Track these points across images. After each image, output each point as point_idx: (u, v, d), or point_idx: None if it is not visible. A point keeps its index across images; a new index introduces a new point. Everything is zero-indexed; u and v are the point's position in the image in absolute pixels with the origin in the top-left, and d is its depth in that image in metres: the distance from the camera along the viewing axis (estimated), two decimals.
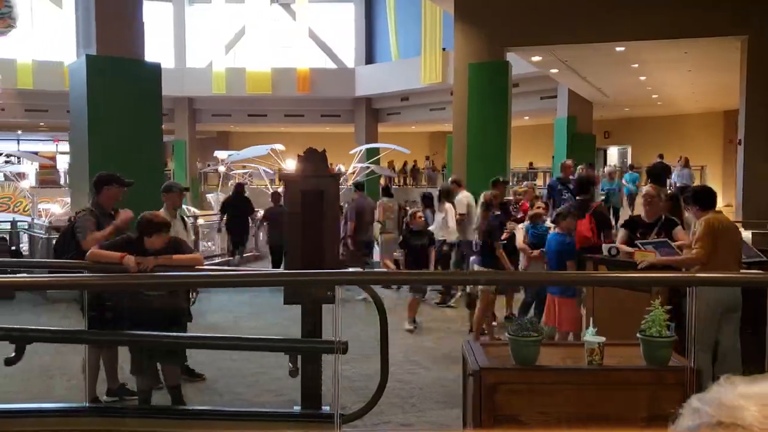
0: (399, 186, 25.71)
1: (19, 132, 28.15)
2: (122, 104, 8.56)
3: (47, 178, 26.72)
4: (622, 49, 12.65)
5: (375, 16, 25.52)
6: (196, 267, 4.87)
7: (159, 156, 9.22)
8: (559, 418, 2.50)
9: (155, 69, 9.01)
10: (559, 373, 2.77)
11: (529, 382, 2.67)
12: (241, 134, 28.92)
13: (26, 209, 23.33)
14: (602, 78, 16.09)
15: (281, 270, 7.12)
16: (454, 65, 13.10)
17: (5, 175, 21.54)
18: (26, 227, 12.74)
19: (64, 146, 29.93)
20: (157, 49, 24.69)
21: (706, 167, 20.39)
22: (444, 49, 21.75)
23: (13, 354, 3.66)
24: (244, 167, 17.80)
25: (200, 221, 13.50)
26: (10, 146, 29.71)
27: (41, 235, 10.15)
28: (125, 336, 4.41)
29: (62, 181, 29.23)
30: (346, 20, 25.95)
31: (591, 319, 2.83)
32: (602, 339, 2.75)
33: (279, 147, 14.65)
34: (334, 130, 26.94)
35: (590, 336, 2.77)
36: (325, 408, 4.08)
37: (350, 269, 6.88)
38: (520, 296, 7.03)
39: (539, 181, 23.31)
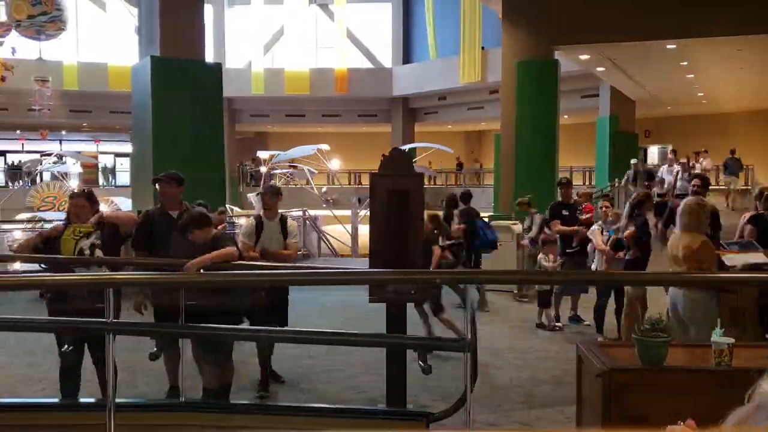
0: (437, 185, 25.61)
1: (63, 132, 28.72)
2: (185, 104, 8.70)
3: (89, 177, 27.27)
4: (673, 46, 12.47)
5: (412, 16, 25.52)
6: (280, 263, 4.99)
7: (220, 154, 9.33)
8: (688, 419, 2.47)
9: (216, 69, 9.14)
10: (689, 374, 2.75)
11: (659, 383, 2.65)
12: (278, 134, 29.14)
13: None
14: (649, 76, 15.88)
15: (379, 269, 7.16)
16: (502, 64, 13.05)
17: (53, 175, 21.99)
18: None
19: (104, 146, 30.52)
20: None
21: (753, 166, 19.98)
22: (483, 48, 21.68)
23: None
24: (293, 166, 17.92)
25: (242, 220, 13.66)
26: (53, 146, 30.35)
27: None
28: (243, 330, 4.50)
29: (100, 181, 29.84)
30: (383, 20, 25.99)
31: (718, 320, 2.79)
32: (731, 340, 2.72)
33: (324, 147, 14.75)
34: (370, 130, 27.01)
35: (718, 337, 2.74)
36: (409, 406, 4.10)
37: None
38: (587, 297, 6.99)
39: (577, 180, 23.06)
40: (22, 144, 30.10)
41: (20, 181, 26.45)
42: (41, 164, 24.62)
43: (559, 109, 12.91)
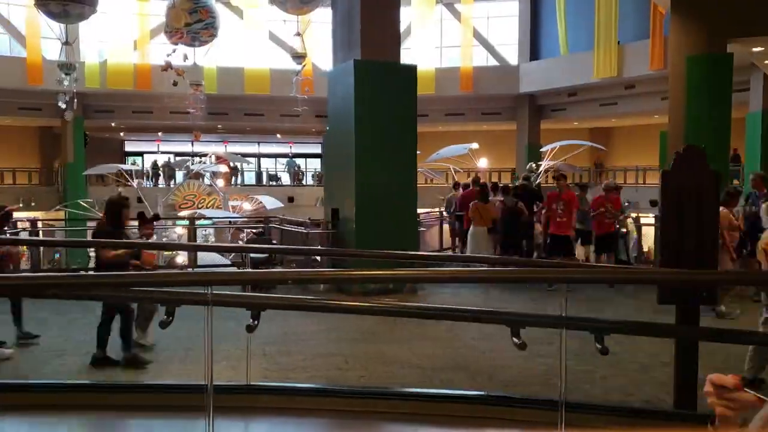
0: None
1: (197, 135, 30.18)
2: (385, 105, 8.98)
3: (226, 176, 28.62)
4: None
5: (540, 12, 25.17)
6: None
7: (413, 153, 9.56)
8: None
9: (412, 70, 9.38)
10: None
11: None
12: None
13: (209, 206, 25.07)
14: None
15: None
16: (670, 58, 12.66)
17: (201, 174, 23.23)
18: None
19: (231, 147, 31.88)
20: (325, 51, 25.80)
21: None
22: (619, 43, 21.11)
23: None
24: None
25: None
26: (186, 147, 32.08)
27: (295, 229, 10.64)
28: None
29: (232, 181, 31.23)
30: (509, 17, 25.78)
31: None
32: None
33: (474, 146, 14.81)
34: (494, 128, 26.86)
35: None
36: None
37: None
38: None
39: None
40: (158, 145, 32.00)
41: (173, 180, 27.98)
42: (191, 164, 26.02)
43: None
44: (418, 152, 17.76)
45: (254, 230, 12.19)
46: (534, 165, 16.20)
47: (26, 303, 7.05)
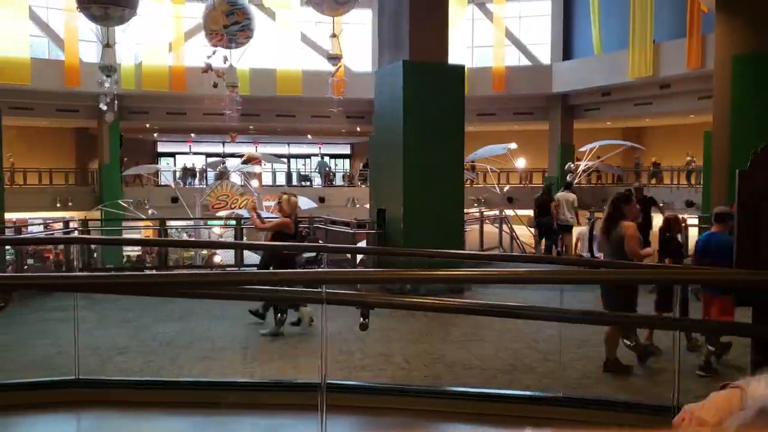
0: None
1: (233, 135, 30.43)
2: (433, 105, 9.00)
3: (259, 176, 28.88)
4: None
5: (573, 11, 24.98)
6: None
7: (461, 153, 9.56)
8: None
9: (460, 70, 9.38)
10: None
11: None
12: None
13: (242, 206, 25.26)
14: None
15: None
16: (715, 57, 12.50)
17: (239, 175, 23.48)
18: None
19: (262, 148, 32.11)
20: (358, 53, 25.92)
21: None
22: (654, 42, 20.88)
23: None
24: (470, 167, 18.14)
25: None
26: (217, 148, 32.41)
27: (341, 229, 10.70)
28: None
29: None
30: (541, 17, 25.64)
31: None
32: None
33: (512, 146, 14.76)
34: (525, 128, 26.71)
35: None
36: None
37: None
38: None
39: None
40: (189, 146, 32.35)
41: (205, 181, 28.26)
42: (223, 165, 26.27)
43: None
44: None
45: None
46: (572, 165, 16.07)
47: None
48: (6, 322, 7.89)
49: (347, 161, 35.18)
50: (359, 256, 10.12)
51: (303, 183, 29.76)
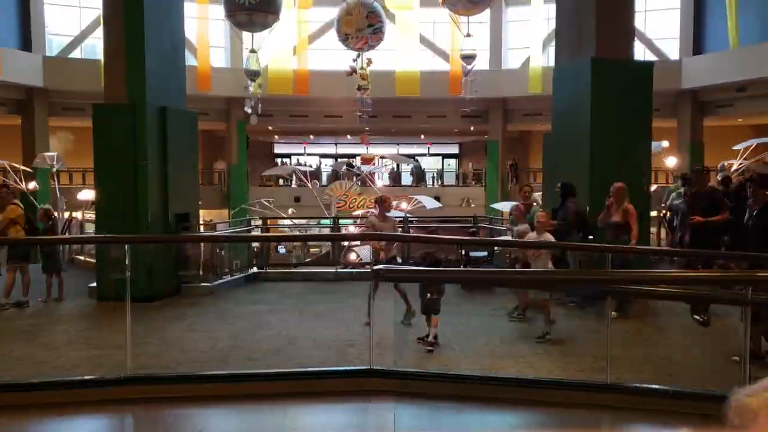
0: None
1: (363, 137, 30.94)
2: (619, 104, 8.85)
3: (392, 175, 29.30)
4: None
5: (705, 4, 23.94)
6: None
7: (648, 153, 9.36)
8: None
9: (648, 67, 9.18)
10: None
11: None
12: (542, 134, 29.02)
13: (359, 206, 25.72)
14: None
15: None
16: None
17: (358, 177, 23.93)
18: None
19: (372, 149, 32.55)
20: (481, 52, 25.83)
21: None
22: None
23: None
24: None
25: None
26: (330, 149, 33.19)
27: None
28: None
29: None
30: (669, 10, 24.73)
31: None
32: None
33: (665, 144, 14.30)
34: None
35: None
36: None
37: None
38: None
39: None
40: (304, 147, 33.25)
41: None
42: (352, 165, 26.83)
43: None
44: None
45: (467, 229, 12.37)
46: (726, 164, 15.38)
47: None
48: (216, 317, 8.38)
49: (454, 161, 35.15)
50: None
51: (421, 183, 29.89)
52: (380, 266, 3.77)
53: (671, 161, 19.34)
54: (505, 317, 7.75)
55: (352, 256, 18.96)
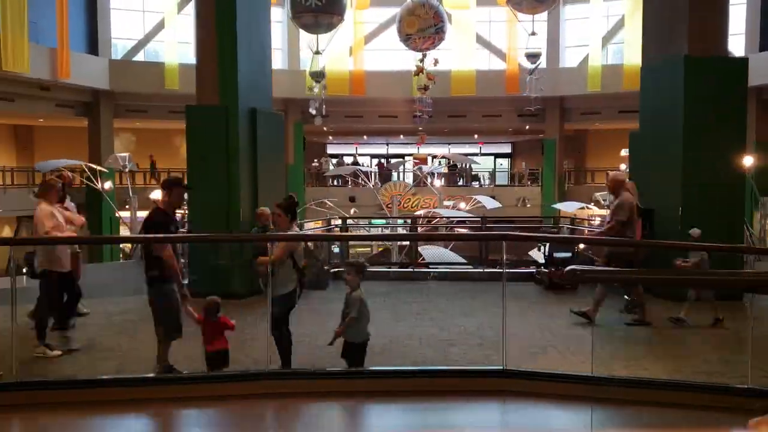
0: None
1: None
2: (713, 102, 8.66)
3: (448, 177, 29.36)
4: None
5: None
6: None
7: (741, 152, 9.14)
8: None
9: (742, 64, 8.99)
10: None
11: None
12: (599, 133, 28.65)
13: (413, 206, 25.75)
14: None
15: None
16: None
17: (413, 176, 24.00)
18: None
19: (423, 149, 32.53)
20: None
21: None
22: None
23: None
24: None
25: None
26: (381, 150, 33.33)
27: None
28: None
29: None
30: (734, 5, 24.07)
31: None
32: None
33: None
34: None
35: None
36: None
37: None
38: None
39: None
40: (356, 148, 33.48)
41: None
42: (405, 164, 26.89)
43: None
44: (623, 152, 17.09)
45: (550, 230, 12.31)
46: None
47: None
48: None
49: (507, 161, 34.93)
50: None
51: (474, 183, 29.82)
52: (576, 266, 3.77)
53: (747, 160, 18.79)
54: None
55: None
